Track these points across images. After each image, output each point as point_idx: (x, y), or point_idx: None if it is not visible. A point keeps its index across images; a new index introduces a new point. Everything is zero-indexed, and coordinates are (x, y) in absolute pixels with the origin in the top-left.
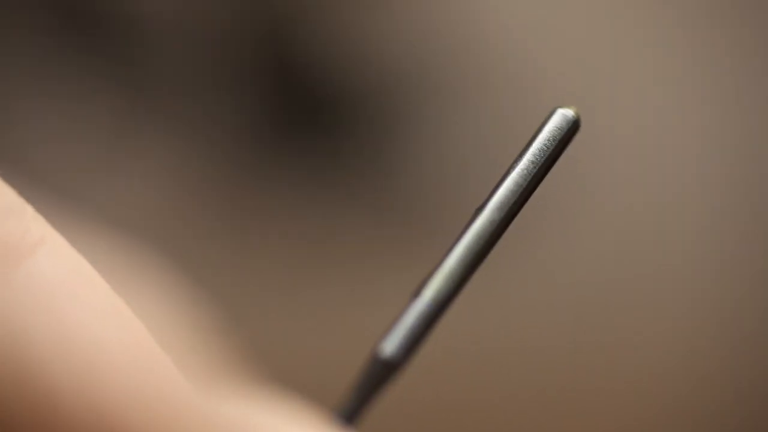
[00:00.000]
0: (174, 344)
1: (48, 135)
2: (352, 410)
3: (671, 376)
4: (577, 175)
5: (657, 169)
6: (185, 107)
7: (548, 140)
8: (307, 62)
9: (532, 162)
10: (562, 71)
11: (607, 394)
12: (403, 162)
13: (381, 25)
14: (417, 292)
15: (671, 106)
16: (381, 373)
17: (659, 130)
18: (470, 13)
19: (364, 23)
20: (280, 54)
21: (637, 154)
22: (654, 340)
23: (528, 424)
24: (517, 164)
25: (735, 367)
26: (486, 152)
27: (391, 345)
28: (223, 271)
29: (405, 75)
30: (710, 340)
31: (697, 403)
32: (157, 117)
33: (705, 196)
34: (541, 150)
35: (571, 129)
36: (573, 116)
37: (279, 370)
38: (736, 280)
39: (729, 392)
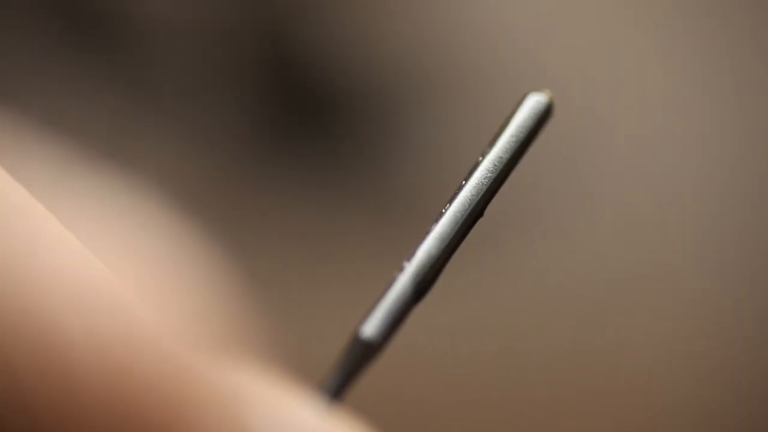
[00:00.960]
0: (176, 308)
1: (48, 135)
2: (334, 389)
3: (671, 376)
4: (577, 176)
5: (657, 170)
6: (185, 107)
7: (521, 126)
8: (307, 62)
9: (506, 148)
10: (562, 72)
11: (607, 394)
12: (403, 162)
13: (381, 27)
14: (397, 276)
15: (672, 107)
16: (361, 354)
17: (659, 131)
18: (470, 14)
19: (364, 24)
20: (280, 54)
21: (637, 155)
22: (654, 340)
23: (528, 424)
24: (492, 149)
25: (735, 367)
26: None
27: (370, 327)
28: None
29: (405, 75)
30: (710, 340)
31: (697, 403)
32: (157, 117)
33: (705, 197)
34: (514, 135)
35: (545, 114)
36: (546, 101)
37: (279, 369)
38: (736, 280)
39: (729, 392)
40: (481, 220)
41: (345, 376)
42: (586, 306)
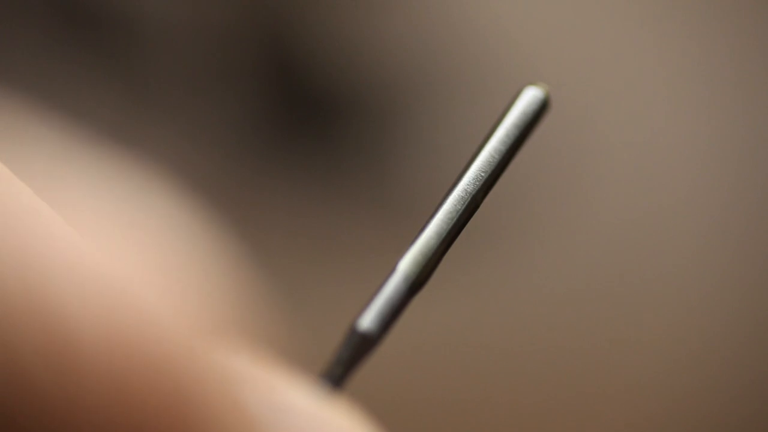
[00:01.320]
0: (182, 286)
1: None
2: (332, 381)
3: (671, 376)
4: (576, 176)
5: (657, 169)
6: (187, 107)
7: (518, 119)
8: (308, 63)
9: (503, 141)
10: (561, 72)
11: (607, 394)
12: (404, 160)
13: (381, 28)
14: (394, 269)
15: (670, 108)
16: (358, 346)
17: (659, 131)
18: (469, 15)
19: (365, 26)
20: (282, 55)
21: (636, 155)
22: (653, 339)
23: (527, 424)
24: (488, 142)
25: (735, 368)
26: None
27: (367, 320)
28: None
29: (405, 76)
30: (710, 340)
31: (697, 403)
32: (158, 117)
33: (705, 197)
34: (510, 128)
35: (541, 107)
36: (543, 95)
37: (279, 358)
38: (736, 280)
39: (729, 392)
40: (479, 219)
41: (343, 368)
42: (585, 306)
